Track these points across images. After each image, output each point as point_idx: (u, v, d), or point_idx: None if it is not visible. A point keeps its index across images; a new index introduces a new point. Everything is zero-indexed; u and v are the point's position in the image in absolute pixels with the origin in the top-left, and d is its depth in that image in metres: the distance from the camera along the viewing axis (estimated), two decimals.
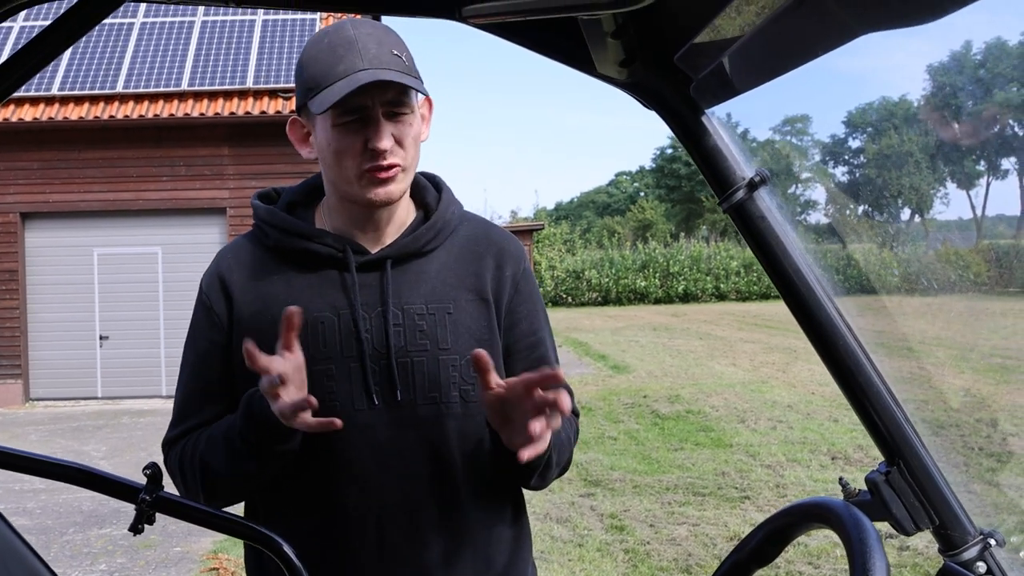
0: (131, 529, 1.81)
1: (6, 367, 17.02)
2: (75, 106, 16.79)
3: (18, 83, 1.68)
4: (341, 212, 2.03)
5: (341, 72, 1.84)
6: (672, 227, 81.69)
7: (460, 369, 1.98)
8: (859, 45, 1.23)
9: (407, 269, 2.01)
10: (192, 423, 2.04)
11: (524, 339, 2.10)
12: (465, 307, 2.02)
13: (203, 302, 2.08)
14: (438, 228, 2.05)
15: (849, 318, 1.61)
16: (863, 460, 10.26)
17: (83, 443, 13.18)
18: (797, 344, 22.36)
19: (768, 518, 1.69)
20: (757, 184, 1.59)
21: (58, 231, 17.39)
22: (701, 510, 8.60)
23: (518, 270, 2.12)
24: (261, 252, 2.06)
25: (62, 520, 9.06)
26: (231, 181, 17.09)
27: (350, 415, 1.88)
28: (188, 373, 2.09)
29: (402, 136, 1.90)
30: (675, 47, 1.52)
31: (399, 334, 1.96)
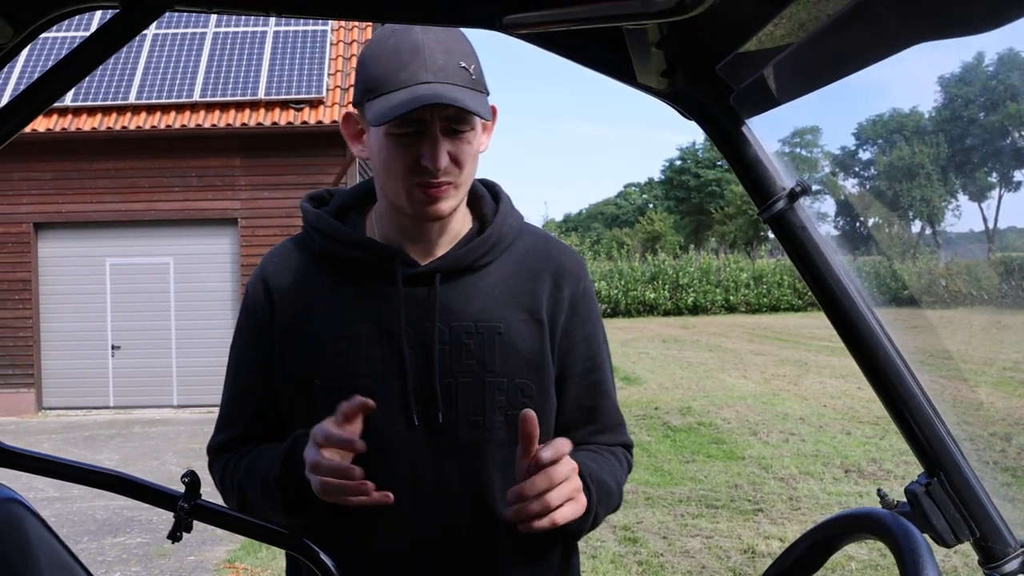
0: (170, 536, 1.81)
1: (19, 376, 17.06)
2: (88, 117, 16.85)
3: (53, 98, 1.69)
4: (391, 220, 1.93)
5: (403, 80, 1.74)
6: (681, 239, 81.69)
7: (507, 393, 1.85)
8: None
9: (458, 284, 1.90)
10: (235, 430, 1.99)
11: (580, 363, 1.97)
12: (517, 328, 1.90)
13: (247, 306, 1.99)
14: (492, 242, 1.93)
15: (890, 329, 1.61)
16: (876, 473, 10.23)
17: (96, 452, 13.20)
18: (808, 357, 22.33)
19: (813, 528, 1.68)
20: (798, 194, 1.58)
21: (71, 241, 17.44)
22: (714, 522, 8.58)
23: (577, 290, 1.98)
24: (307, 258, 1.97)
25: (76, 528, 9.07)
26: (242, 192, 17.12)
27: (387, 436, 1.82)
28: (231, 378, 2.02)
29: (459, 154, 1.80)
30: (717, 57, 1.52)
31: (444, 353, 1.85)
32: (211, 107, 17.02)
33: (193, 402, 17.22)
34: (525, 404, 1.80)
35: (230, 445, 2.00)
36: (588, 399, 2.00)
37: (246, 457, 1.92)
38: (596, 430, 2.02)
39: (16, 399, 16.94)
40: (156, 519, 9.22)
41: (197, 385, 17.19)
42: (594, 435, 2.01)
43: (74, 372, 17.41)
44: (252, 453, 1.92)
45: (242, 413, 1.99)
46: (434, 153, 1.75)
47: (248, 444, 1.97)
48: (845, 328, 1.60)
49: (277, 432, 1.93)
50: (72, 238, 17.40)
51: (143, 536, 8.78)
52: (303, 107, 16.87)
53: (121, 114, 16.93)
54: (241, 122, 16.69)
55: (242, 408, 1.99)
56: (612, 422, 2.05)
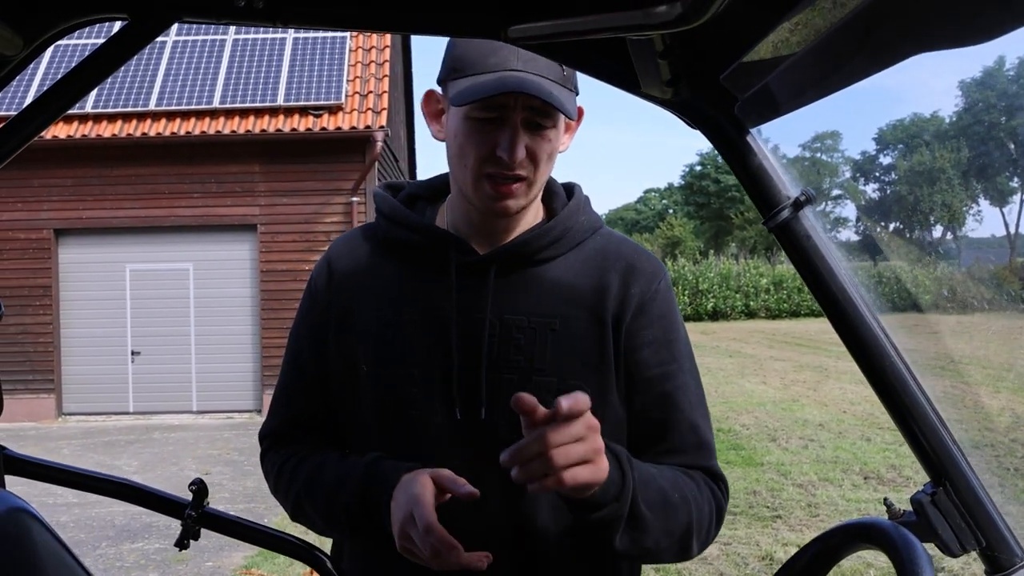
0: (177, 544, 1.83)
1: (40, 381, 17.14)
2: (108, 124, 16.93)
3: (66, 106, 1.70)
4: (461, 208, 1.86)
5: (492, 64, 1.68)
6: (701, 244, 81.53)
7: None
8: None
9: (515, 277, 1.81)
10: (290, 412, 1.96)
11: (647, 370, 1.82)
12: (574, 325, 1.79)
13: (310, 288, 1.95)
14: (556, 235, 1.84)
15: (894, 337, 1.61)
16: (896, 480, 10.18)
17: (115, 457, 13.25)
18: (828, 362, 22.25)
19: (815, 538, 1.68)
20: (802, 203, 1.59)
21: (91, 247, 17.51)
22: (732, 529, 8.55)
23: (648, 289, 1.84)
24: (370, 244, 1.92)
25: (95, 534, 9.11)
26: (262, 198, 17.16)
27: (425, 427, 1.77)
28: (289, 359, 1.97)
29: (537, 150, 1.72)
30: (721, 67, 1.52)
31: (492, 346, 1.77)
32: (231, 113, 17.07)
33: (212, 408, 17.28)
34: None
35: (285, 433, 1.97)
36: (658, 412, 1.82)
37: (304, 464, 1.88)
38: (667, 449, 1.83)
39: (37, 404, 17.02)
40: (174, 525, 9.14)
41: (216, 391, 17.25)
42: (666, 455, 1.82)
43: (94, 378, 17.48)
44: (311, 461, 1.88)
45: (296, 396, 1.95)
46: (512, 143, 1.69)
47: (303, 432, 1.96)
48: (849, 336, 1.60)
49: (330, 417, 1.92)
50: (92, 244, 17.48)
51: (161, 542, 8.80)
52: (322, 113, 16.91)
53: (141, 120, 17.00)
54: (260, 128, 16.74)
55: (297, 391, 1.95)
56: (688, 443, 1.84)
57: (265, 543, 1.87)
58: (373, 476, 1.72)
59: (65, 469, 1.86)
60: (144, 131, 16.78)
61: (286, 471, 1.89)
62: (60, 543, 1.65)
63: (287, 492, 1.88)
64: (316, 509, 1.81)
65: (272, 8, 1.56)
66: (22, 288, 16.95)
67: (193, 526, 1.83)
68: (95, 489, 1.89)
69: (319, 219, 16.96)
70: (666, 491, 1.69)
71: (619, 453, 1.63)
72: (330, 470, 1.81)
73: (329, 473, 1.81)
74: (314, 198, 16.90)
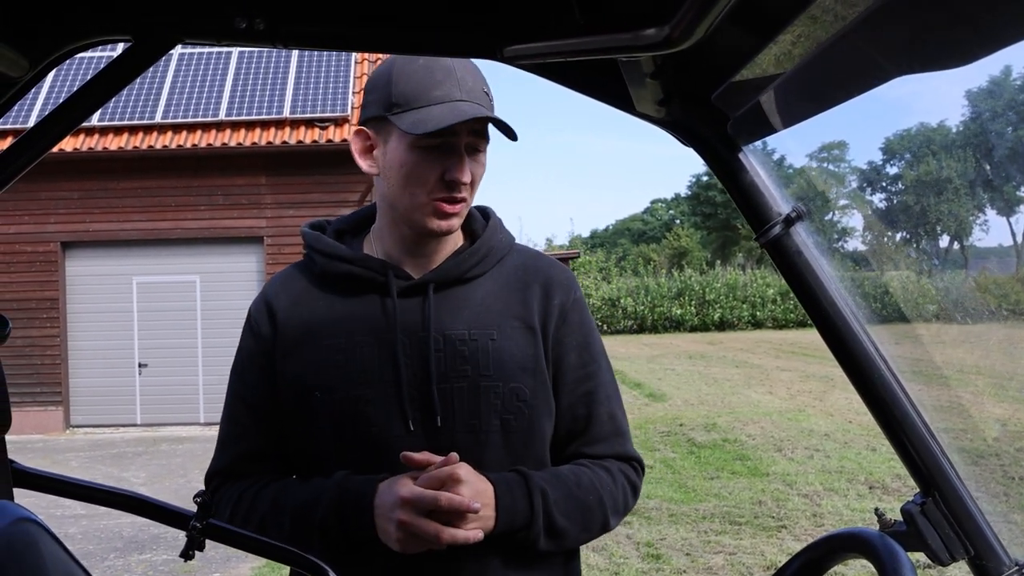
0: (182, 555, 1.85)
1: (47, 394, 17.19)
2: (114, 136, 17.01)
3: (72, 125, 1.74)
4: (391, 236, 2.02)
5: (437, 97, 1.85)
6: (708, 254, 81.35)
7: (503, 397, 1.91)
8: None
9: (450, 295, 1.98)
10: (240, 448, 2.05)
11: (572, 372, 2.02)
12: (510, 334, 1.96)
13: (251, 327, 2.06)
14: (482, 255, 2.02)
15: (884, 349, 1.63)
16: (900, 490, 10.19)
17: (123, 469, 13.29)
18: (834, 372, 22.20)
19: (803, 548, 1.71)
20: (793, 220, 1.62)
21: (98, 260, 17.58)
22: (737, 539, 8.56)
23: (567, 299, 2.05)
24: (308, 279, 2.05)
25: (103, 545, 9.14)
26: (268, 210, 17.23)
27: (387, 441, 1.89)
28: (233, 398, 2.09)
29: (475, 174, 1.91)
30: (712, 86, 1.55)
31: (440, 360, 1.92)
32: (237, 126, 17.15)
33: (220, 420, 17.27)
34: (519, 407, 1.93)
35: (236, 469, 2.05)
36: (582, 408, 2.03)
37: (266, 491, 1.97)
38: (590, 439, 2.04)
39: (44, 417, 17.06)
40: (182, 536, 9.24)
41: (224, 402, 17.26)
42: (588, 445, 2.04)
43: (101, 390, 17.53)
44: (272, 488, 1.97)
45: (246, 432, 2.05)
46: (461, 167, 1.87)
47: (255, 467, 2.04)
48: (839, 349, 1.63)
49: (280, 450, 2.03)
50: (99, 257, 17.54)
51: (169, 553, 8.83)
52: (328, 125, 16.97)
53: (148, 133, 17.08)
54: (267, 141, 16.81)
55: (247, 427, 2.05)
56: (607, 432, 2.05)
57: (270, 554, 1.89)
58: (347, 491, 1.85)
59: (72, 482, 1.89)
60: (150, 144, 16.86)
61: (246, 499, 1.98)
62: (69, 554, 1.67)
63: (247, 518, 1.96)
64: (282, 530, 1.90)
65: (272, 30, 1.59)
66: (29, 301, 17.01)
67: (198, 537, 1.86)
68: (101, 501, 1.91)
69: None
70: (581, 499, 1.93)
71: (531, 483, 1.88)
72: (295, 492, 1.93)
73: (295, 495, 1.93)
74: (320, 210, 16.94)
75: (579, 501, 1.92)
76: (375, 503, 1.80)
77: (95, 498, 1.91)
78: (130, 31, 1.63)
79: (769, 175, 1.67)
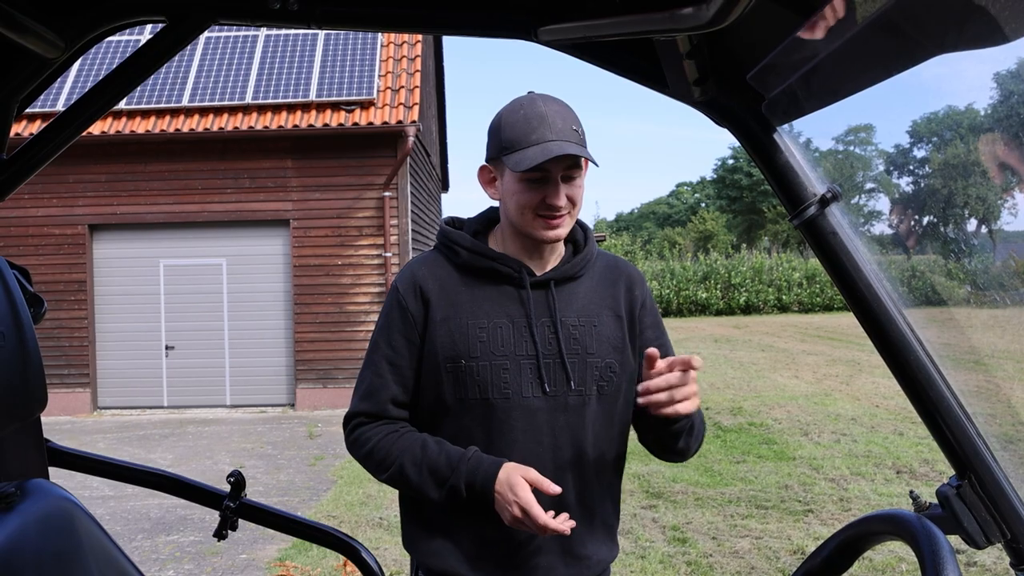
0: (216, 534, 1.86)
1: (75, 376, 17.30)
2: (142, 120, 17.05)
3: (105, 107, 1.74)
4: (515, 240, 2.53)
5: (534, 140, 2.34)
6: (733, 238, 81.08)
7: (600, 369, 2.49)
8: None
9: (564, 289, 2.53)
10: (380, 399, 2.50)
11: (651, 343, 2.57)
12: (606, 322, 2.54)
13: (399, 302, 2.52)
14: (586, 259, 2.58)
15: (920, 332, 1.62)
16: (928, 474, 10.14)
17: (150, 451, 13.36)
18: (860, 356, 22.14)
19: (841, 528, 1.70)
20: (829, 200, 1.60)
21: (125, 242, 17.64)
22: (764, 523, 8.55)
23: (643, 291, 2.65)
24: (451, 267, 2.54)
25: (130, 527, 9.20)
26: (294, 193, 17.24)
27: (519, 401, 2.42)
28: (379, 358, 2.52)
29: (573, 195, 2.43)
30: (748, 66, 1.54)
31: (562, 339, 2.46)
32: (263, 109, 17.16)
33: (246, 402, 17.39)
34: (611, 377, 2.50)
35: (377, 413, 2.51)
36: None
37: (403, 439, 2.45)
38: None
39: (72, 398, 17.18)
40: (209, 518, 9.32)
41: (250, 385, 17.36)
42: None
43: (129, 372, 17.63)
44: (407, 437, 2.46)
45: (388, 385, 2.50)
46: (556, 194, 2.38)
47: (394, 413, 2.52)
48: (875, 331, 1.62)
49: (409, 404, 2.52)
50: (127, 239, 17.61)
51: (196, 534, 8.88)
52: (354, 108, 16.96)
53: (175, 116, 17.12)
54: (293, 124, 16.81)
55: (388, 381, 2.50)
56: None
57: (302, 534, 1.90)
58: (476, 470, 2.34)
59: (108, 461, 1.90)
60: (177, 127, 16.90)
61: (386, 443, 2.46)
62: (103, 532, 1.69)
63: (385, 459, 2.44)
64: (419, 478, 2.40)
65: (306, 10, 1.59)
66: (57, 283, 17.10)
67: (231, 517, 1.87)
68: (136, 480, 1.93)
69: (351, 214, 17.03)
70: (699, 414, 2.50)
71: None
72: (434, 451, 2.41)
73: (434, 454, 2.40)
74: (347, 193, 16.97)
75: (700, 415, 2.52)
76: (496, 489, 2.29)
77: (129, 477, 1.93)
78: (165, 12, 1.63)
79: (804, 156, 1.66)
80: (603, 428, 2.52)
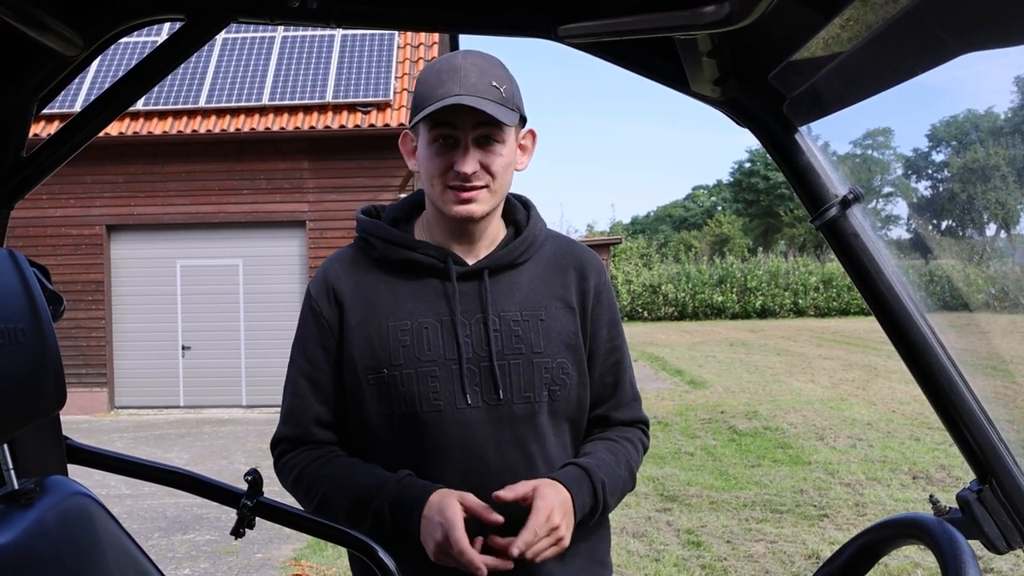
0: (233, 532, 1.87)
1: (92, 375, 17.37)
2: (159, 121, 17.13)
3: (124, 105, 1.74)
4: (439, 225, 2.19)
5: (439, 95, 1.98)
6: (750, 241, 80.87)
7: (551, 371, 2.15)
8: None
9: (501, 279, 2.18)
10: (303, 421, 2.20)
11: (604, 344, 2.26)
12: (555, 314, 2.18)
13: (312, 308, 2.21)
14: (528, 243, 2.22)
15: (942, 336, 1.61)
16: (945, 480, 10.09)
17: (166, 450, 13.41)
18: (877, 361, 22.07)
19: (860, 532, 1.69)
20: (850, 202, 1.59)
21: (142, 243, 17.72)
22: (779, 527, 8.52)
23: (600, 281, 2.28)
24: (367, 263, 2.21)
25: (147, 525, 9.23)
26: (310, 194, 17.29)
27: (451, 413, 2.08)
28: (296, 374, 2.23)
29: (489, 163, 2.06)
30: (769, 66, 1.53)
31: (497, 339, 2.12)
32: (280, 111, 17.21)
33: (261, 402, 17.42)
34: (564, 379, 2.16)
35: (301, 437, 2.21)
36: (610, 376, 2.29)
37: (328, 466, 2.14)
38: (615, 405, 2.30)
39: (89, 398, 17.25)
40: (224, 517, 9.35)
41: (265, 385, 17.39)
42: (614, 409, 2.30)
43: (145, 372, 17.70)
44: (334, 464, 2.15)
45: (311, 404, 2.20)
46: (463, 159, 2.03)
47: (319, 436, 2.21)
48: (897, 334, 1.61)
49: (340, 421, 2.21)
50: (143, 240, 17.69)
51: (212, 533, 8.90)
52: (370, 110, 17.01)
53: (191, 118, 17.19)
54: (309, 125, 16.86)
55: (309, 400, 2.20)
56: (629, 398, 2.33)
57: (320, 533, 1.91)
58: (405, 490, 2.03)
59: (127, 459, 1.91)
60: (194, 128, 16.97)
61: (310, 471, 2.15)
62: (122, 529, 1.69)
63: (310, 489, 2.14)
64: (342, 508, 2.08)
65: (325, 8, 1.59)
66: (75, 283, 17.17)
67: (249, 515, 1.88)
68: (155, 479, 1.94)
69: None
70: (621, 476, 2.19)
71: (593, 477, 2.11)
72: (358, 478, 2.10)
73: (357, 481, 2.09)
74: (362, 194, 16.99)
75: (620, 478, 2.18)
76: (423, 514, 1.98)
77: (148, 475, 1.93)
78: (184, 10, 1.63)
79: (825, 156, 1.65)
80: (559, 439, 2.19)
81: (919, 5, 1.12)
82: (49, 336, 1.36)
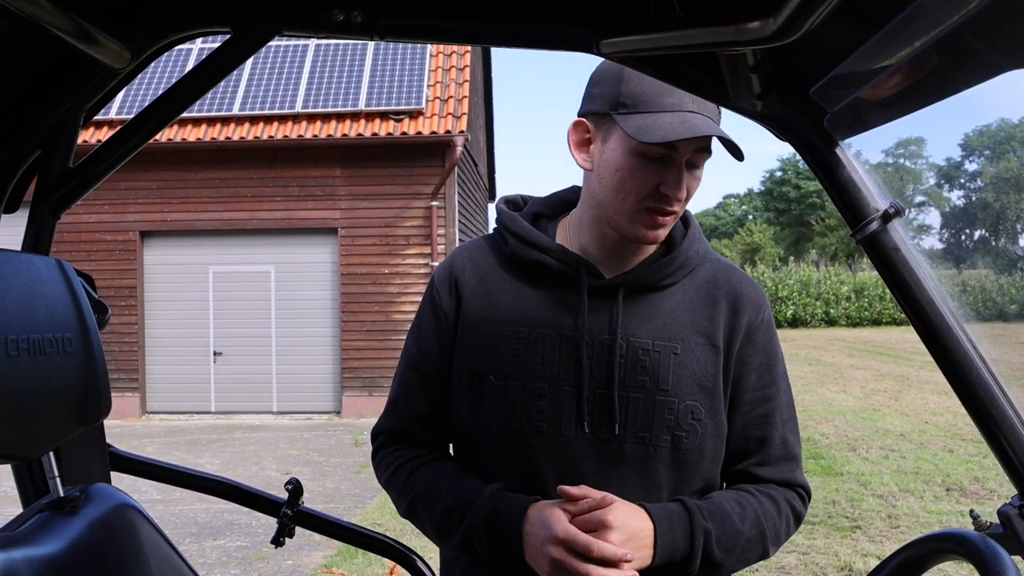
0: (273, 541, 1.88)
1: (124, 380, 17.46)
2: (193, 128, 17.22)
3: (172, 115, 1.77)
4: (591, 231, 1.96)
5: (669, 104, 1.77)
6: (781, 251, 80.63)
7: (677, 413, 1.86)
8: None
9: (639, 301, 1.92)
10: (406, 414, 2.04)
11: (750, 392, 1.96)
12: (693, 350, 1.90)
13: (433, 298, 2.03)
14: (678, 264, 1.95)
15: (982, 348, 1.60)
16: (979, 492, 10.02)
17: (197, 456, 13.47)
18: (909, 372, 21.93)
19: (902, 547, 1.68)
20: (891, 216, 1.59)
21: (175, 249, 17.82)
22: (811, 539, 8.48)
23: (755, 319, 1.98)
24: (496, 257, 2.01)
25: (178, 531, 9.27)
26: (343, 202, 17.34)
27: (553, 437, 1.86)
28: (406, 364, 2.05)
29: (691, 188, 1.85)
30: (811, 80, 1.53)
31: (620, 367, 1.86)
32: (312, 118, 17.28)
33: (292, 409, 17.50)
34: (693, 426, 1.86)
35: (400, 431, 2.05)
36: (756, 429, 1.98)
37: (423, 469, 1.97)
38: (760, 462, 1.98)
39: (121, 403, 17.34)
40: (255, 523, 9.39)
41: (296, 392, 17.46)
42: (759, 467, 1.98)
43: (177, 377, 17.80)
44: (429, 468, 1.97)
45: (415, 397, 2.03)
46: (679, 182, 1.80)
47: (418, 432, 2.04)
48: (938, 348, 1.60)
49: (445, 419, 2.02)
50: (176, 246, 17.79)
51: (243, 539, 8.94)
52: (403, 118, 17.05)
53: (225, 125, 17.28)
54: (342, 133, 16.91)
55: (415, 394, 2.03)
56: (778, 456, 1.99)
57: (359, 543, 1.92)
58: (498, 509, 1.82)
59: (169, 467, 1.93)
60: (228, 135, 17.05)
61: (403, 471, 1.98)
62: (164, 537, 1.71)
63: (401, 491, 1.97)
64: (431, 518, 1.91)
65: (370, 22, 1.60)
66: (108, 289, 17.27)
67: (289, 524, 1.89)
68: (196, 487, 1.95)
69: (399, 223, 17.09)
70: (744, 533, 1.85)
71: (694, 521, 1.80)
72: (450, 487, 1.91)
73: (449, 491, 1.90)
74: (394, 202, 17.03)
75: (740, 535, 1.85)
76: (525, 530, 1.77)
77: (189, 483, 1.95)
78: (230, 23, 1.65)
79: (866, 170, 1.65)
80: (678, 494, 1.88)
81: (965, 22, 1.12)
82: (96, 345, 1.39)
